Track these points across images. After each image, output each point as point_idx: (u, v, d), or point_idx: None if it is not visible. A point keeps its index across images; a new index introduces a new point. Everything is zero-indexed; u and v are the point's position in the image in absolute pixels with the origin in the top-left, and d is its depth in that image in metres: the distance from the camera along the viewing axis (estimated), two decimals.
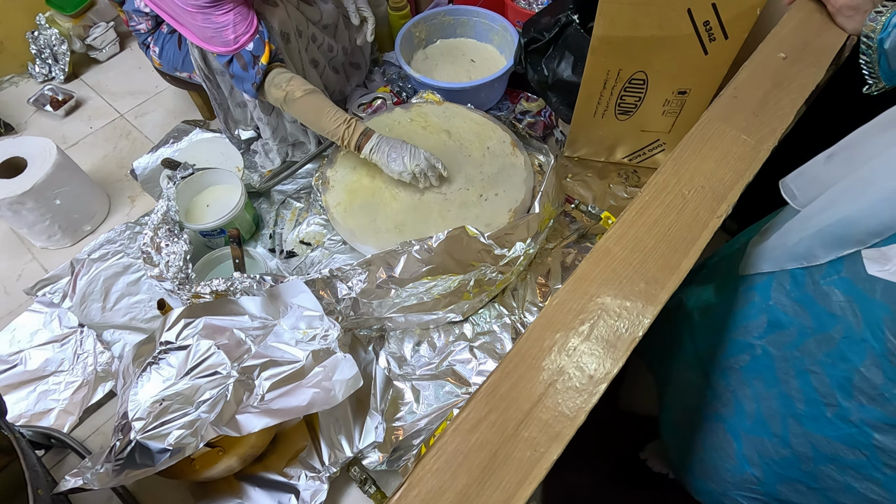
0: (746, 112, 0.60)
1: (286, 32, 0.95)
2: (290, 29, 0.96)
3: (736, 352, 0.62)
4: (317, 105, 0.91)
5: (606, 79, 0.96)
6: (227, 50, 0.89)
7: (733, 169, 0.55)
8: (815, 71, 0.63)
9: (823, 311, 0.49)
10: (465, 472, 0.40)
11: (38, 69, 1.41)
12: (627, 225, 0.51)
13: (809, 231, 0.51)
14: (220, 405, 0.70)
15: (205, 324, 0.76)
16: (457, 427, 0.41)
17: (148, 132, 1.32)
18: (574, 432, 0.40)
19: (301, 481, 0.80)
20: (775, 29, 0.70)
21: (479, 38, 1.32)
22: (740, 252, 0.66)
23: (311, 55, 1.05)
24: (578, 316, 0.46)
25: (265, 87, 0.93)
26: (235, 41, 0.87)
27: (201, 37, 0.90)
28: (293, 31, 0.97)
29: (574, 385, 0.42)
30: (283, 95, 0.90)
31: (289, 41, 0.97)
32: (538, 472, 0.38)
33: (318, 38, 1.06)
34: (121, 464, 0.67)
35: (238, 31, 0.86)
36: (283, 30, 0.94)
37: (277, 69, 0.92)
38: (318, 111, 0.91)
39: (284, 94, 0.90)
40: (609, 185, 1.13)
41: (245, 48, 0.89)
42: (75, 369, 0.92)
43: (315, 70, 1.07)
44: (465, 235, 0.81)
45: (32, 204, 1.00)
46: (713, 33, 0.83)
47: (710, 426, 0.68)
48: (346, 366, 0.76)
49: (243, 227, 1.03)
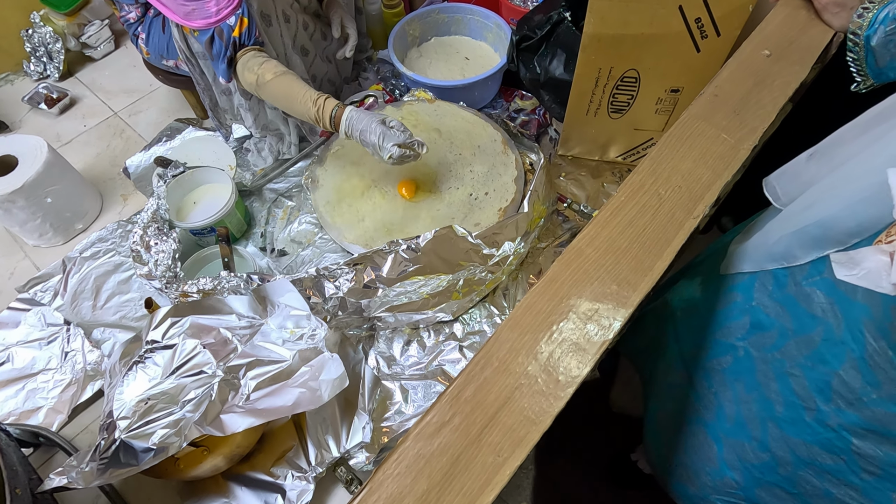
0: (727, 110, 0.59)
1: (267, 14, 0.94)
2: (271, 11, 0.94)
3: (719, 353, 0.61)
4: (288, 86, 0.87)
5: (598, 77, 0.95)
6: (208, 23, 0.85)
7: (712, 168, 0.53)
8: (799, 69, 0.62)
9: (805, 313, 0.48)
10: (425, 476, 0.39)
11: (32, 67, 1.41)
12: (601, 225, 0.50)
13: (788, 231, 0.50)
14: (204, 405, 0.70)
15: (191, 323, 0.76)
16: (419, 431, 0.40)
17: (141, 130, 1.31)
18: (539, 437, 0.39)
19: (287, 481, 0.79)
20: (760, 26, 0.69)
21: (473, 36, 1.31)
22: (723, 251, 0.65)
23: (301, 42, 1.03)
24: (548, 318, 0.45)
25: (238, 71, 0.90)
26: (217, 13, 0.85)
27: (181, 14, 0.87)
28: (276, 14, 0.95)
29: (541, 389, 0.42)
30: (255, 79, 0.88)
31: (270, 24, 0.95)
32: (500, 478, 0.38)
33: (309, 27, 1.05)
34: (105, 463, 0.67)
35: (221, 2, 0.84)
36: (263, 10, 0.92)
37: (253, 52, 0.89)
38: (290, 93, 0.87)
39: (256, 77, 0.88)
40: (603, 184, 1.12)
41: (227, 21, 0.86)
42: (64, 367, 0.92)
43: (304, 58, 1.06)
44: (452, 235, 0.81)
45: (23, 202, 1.00)
46: (705, 30, 0.82)
47: (693, 429, 0.67)
48: (332, 365, 0.75)
49: (234, 225, 1.03)
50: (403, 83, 1.27)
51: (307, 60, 1.08)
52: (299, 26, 1.02)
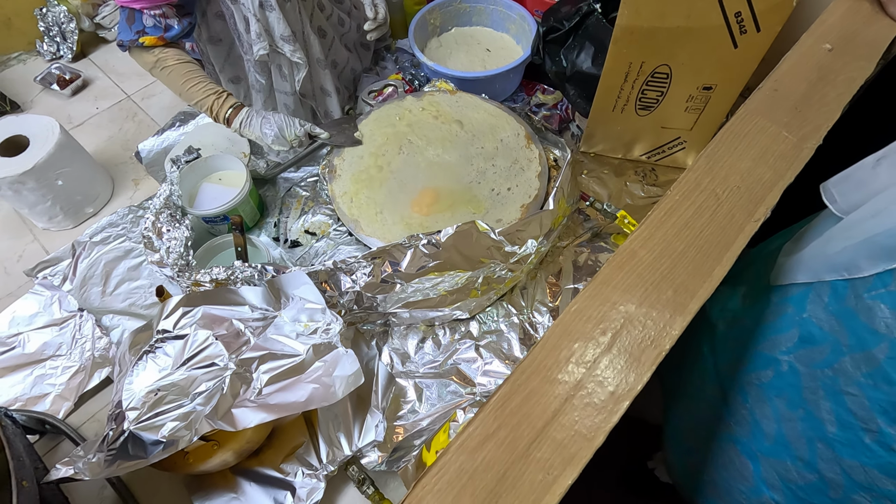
0: (788, 107, 0.55)
1: None
2: None
3: (759, 366, 0.58)
4: (190, 73, 0.89)
5: (628, 72, 0.91)
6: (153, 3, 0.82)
7: (773, 168, 0.50)
8: (864, 64, 0.58)
9: (865, 328, 0.45)
10: (469, 494, 0.36)
11: (45, 47, 1.39)
12: (655, 226, 0.46)
13: (854, 240, 0.47)
14: (216, 398, 0.68)
15: (203, 313, 0.74)
16: (462, 443, 0.37)
17: (154, 114, 1.29)
18: (591, 454, 0.36)
19: (298, 478, 0.77)
20: (820, 18, 0.65)
21: (495, 27, 1.28)
22: (771, 259, 0.61)
23: (318, 23, 1.01)
24: (599, 325, 0.42)
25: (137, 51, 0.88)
26: None
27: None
28: None
29: (593, 402, 0.39)
30: (155, 60, 0.88)
31: None
32: (551, 498, 0.34)
33: (325, 8, 1.02)
34: (113, 454, 0.65)
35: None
36: None
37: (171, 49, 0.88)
38: (190, 80, 0.88)
39: (156, 59, 0.88)
40: (626, 183, 1.09)
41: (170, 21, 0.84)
42: (73, 354, 0.90)
43: (322, 40, 1.03)
44: (474, 231, 0.78)
45: (33, 184, 0.98)
46: (744, 25, 0.79)
47: (722, 446, 0.63)
48: (347, 361, 0.73)
49: (247, 214, 1.00)
50: (423, 73, 1.24)
51: (325, 42, 1.05)
52: (315, 6, 1.00)
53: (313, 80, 1.07)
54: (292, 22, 0.94)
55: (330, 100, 1.10)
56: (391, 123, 1.01)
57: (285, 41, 0.94)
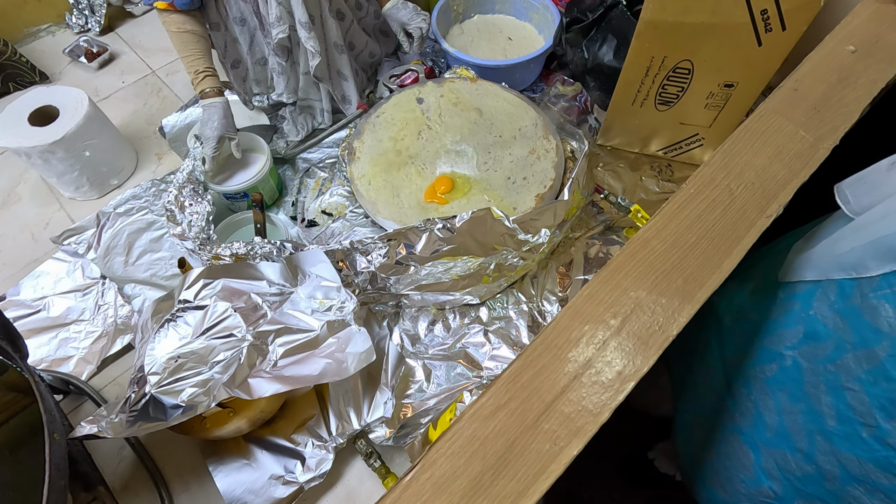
0: (807, 107, 0.56)
1: None
2: None
3: (764, 360, 0.59)
4: (184, 44, 0.93)
5: (650, 66, 0.91)
6: None
7: (787, 166, 0.51)
8: (887, 67, 0.58)
9: (868, 326, 0.46)
10: (479, 459, 0.38)
11: (74, 20, 1.41)
12: (668, 218, 0.48)
13: (863, 241, 0.48)
14: (233, 367, 0.70)
15: (223, 286, 0.76)
16: (475, 412, 0.40)
17: (178, 91, 1.31)
18: (597, 429, 0.38)
19: (307, 449, 0.80)
20: (845, 19, 0.65)
21: (517, 16, 1.28)
22: (780, 257, 0.62)
23: (337, 6, 1.02)
24: (610, 309, 0.44)
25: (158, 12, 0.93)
26: None
27: None
28: None
29: (600, 380, 0.40)
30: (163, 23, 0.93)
31: None
32: (556, 467, 0.37)
33: None
34: (135, 415, 0.68)
35: None
36: None
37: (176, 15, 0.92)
38: (183, 50, 0.93)
39: (163, 23, 0.93)
40: (641, 178, 1.10)
41: None
42: (96, 320, 0.94)
43: (341, 23, 1.04)
44: (489, 217, 0.79)
45: (62, 154, 1.01)
46: (770, 23, 0.78)
47: (726, 435, 0.65)
48: (360, 339, 0.75)
49: (266, 192, 1.02)
50: (444, 60, 1.25)
51: (343, 25, 1.06)
52: None
53: (330, 63, 1.08)
54: (310, 6, 0.95)
55: (347, 84, 1.11)
56: (411, 108, 1.02)
57: (302, 26, 0.95)
